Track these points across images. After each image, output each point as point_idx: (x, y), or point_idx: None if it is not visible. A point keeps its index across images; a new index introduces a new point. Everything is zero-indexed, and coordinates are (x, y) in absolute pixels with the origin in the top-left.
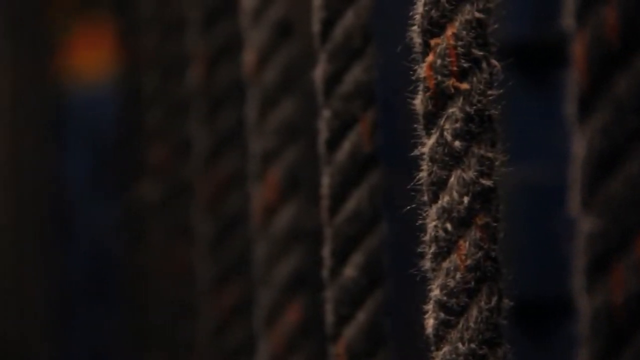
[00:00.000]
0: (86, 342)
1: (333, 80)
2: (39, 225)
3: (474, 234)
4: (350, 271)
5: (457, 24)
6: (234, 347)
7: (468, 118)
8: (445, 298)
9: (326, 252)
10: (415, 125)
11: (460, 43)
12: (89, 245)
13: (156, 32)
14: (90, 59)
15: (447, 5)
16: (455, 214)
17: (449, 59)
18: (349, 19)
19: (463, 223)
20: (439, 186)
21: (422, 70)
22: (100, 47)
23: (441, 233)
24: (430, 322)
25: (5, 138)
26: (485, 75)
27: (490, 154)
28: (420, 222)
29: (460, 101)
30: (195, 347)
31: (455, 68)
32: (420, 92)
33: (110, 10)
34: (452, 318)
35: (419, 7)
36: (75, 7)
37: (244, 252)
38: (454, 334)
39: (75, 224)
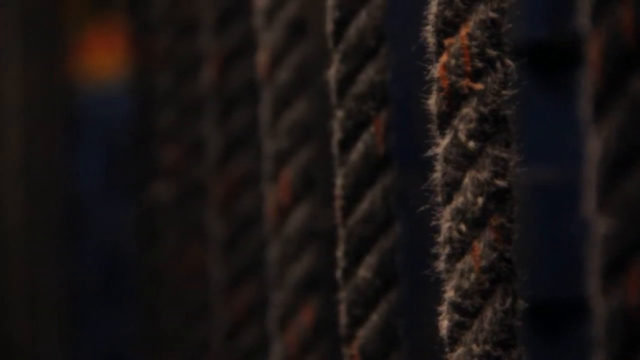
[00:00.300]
0: (99, 343)
1: (346, 80)
2: (51, 225)
3: (489, 235)
4: (363, 272)
5: (471, 23)
6: (248, 348)
7: (482, 118)
8: (459, 299)
9: (340, 253)
10: (429, 126)
11: (474, 43)
12: (102, 245)
13: (169, 33)
14: (103, 59)
15: (461, 5)
16: (469, 215)
17: (462, 59)
18: (362, 19)
19: (477, 224)
20: (453, 187)
21: (436, 71)
22: (113, 47)
23: (455, 234)
24: (444, 324)
25: (18, 138)
26: (500, 76)
27: (504, 155)
28: (434, 223)
29: (474, 101)
30: (209, 347)
31: (469, 68)
32: (434, 93)
33: (123, 10)
34: (466, 319)
35: (433, 7)
36: (87, 7)
37: (258, 253)
38: (468, 336)
39: (88, 225)
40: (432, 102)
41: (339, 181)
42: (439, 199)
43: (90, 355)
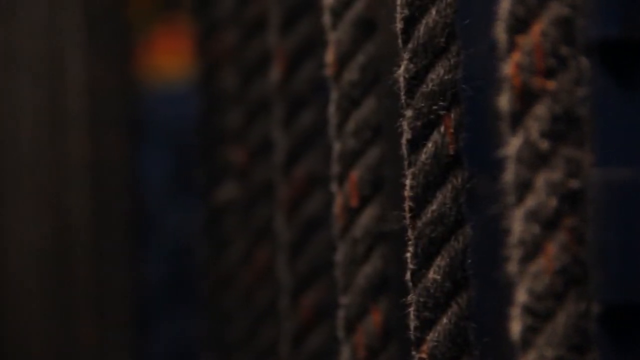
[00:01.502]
0: (166, 345)
1: (416, 79)
2: (118, 227)
3: (562, 236)
4: (433, 274)
5: (544, 20)
6: (316, 351)
7: (555, 117)
8: (532, 302)
9: (409, 254)
10: (500, 125)
11: (547, 40)
12: (169, 247)
13: (236, 32)
14: (170, 58)
15: (533, 1)
16: (542, 216)
17: (535, 57)
18: (432, 16)
19: (550, 225)
20: (525, 187)
21: (508, 69)
22: (179, 47)
23: (527, 236)
24: (516, 327)
25: (83, 140)
26: (573, 74)
27: (577, 155)
28: (504, 224)
29: (547, 100)
30: (278, 350)
31: (542, 66)
32: (506, 91)
33: (189, 9)
34: (539, 323)
35: (505, 4)
36: (155, 6)
37: (326, 255)
38: (541, 339)
39: (155, 226)
40: (504, 101)
41: (408, 182)
42: (510, 199)
43: (157, 358)
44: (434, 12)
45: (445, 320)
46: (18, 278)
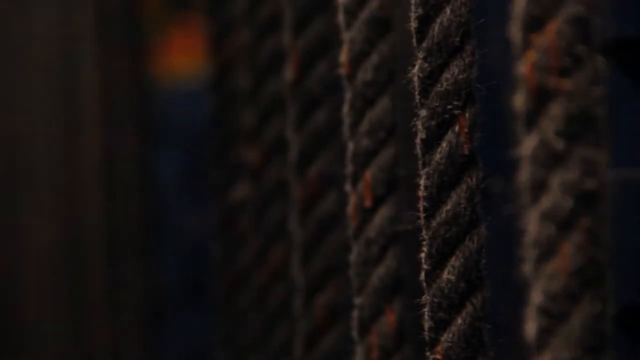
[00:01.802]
0: (180, 345)
1: (430, 78)
2: (132, 227)
3: (577, 237)
4: (448, 275)
5: (559, 19)
6: (330, 351)
7: (570, 117)
8: (547, 303)
9: (424, 255)
10: (515, 125)
11: (562, 39)
12: (182, 246)
13: (249, 31)
14: (183, 58)
15: (549, 0)
16: (557, 217)
17: (550, 56)
18: (446, 15)
19: (565, 226)
20: (540, 188)
21: (523, 68)
22: (193, 47)
23: (543, 236)
24: (531, 328)
25: (98, 138)
26: (589, 73)
27: (593, 155)
28: (519, 224)
29: (562, 100)
30: (292, 350)
31: (557, 65)
32: (521, 90)
33: (203, 9)
34: (554, 324)
35: (520, 2)
36: (168, 6)
37: (340, 255)
38: (556, 340)
39: (169, 226)
40: (519, 101)
41: (422, 182)
42: (525, 200)
43: (170, 357)
44: (448, 11)
45: (459, 320)
46: (32, 277)
